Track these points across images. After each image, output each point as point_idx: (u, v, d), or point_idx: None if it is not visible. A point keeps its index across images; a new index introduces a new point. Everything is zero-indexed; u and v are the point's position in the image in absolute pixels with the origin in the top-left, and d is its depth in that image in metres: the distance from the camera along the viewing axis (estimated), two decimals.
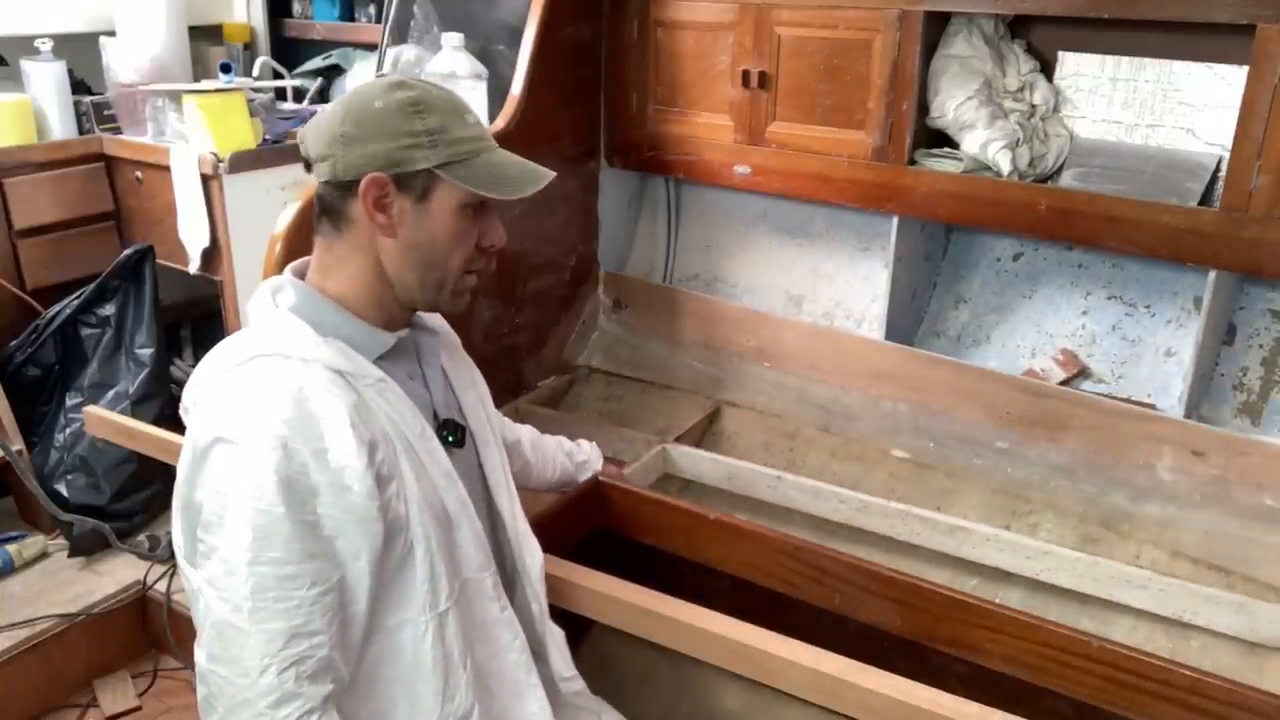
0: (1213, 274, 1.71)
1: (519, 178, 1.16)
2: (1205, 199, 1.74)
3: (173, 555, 2.23)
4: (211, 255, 2.38)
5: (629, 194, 2.43)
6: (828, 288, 2.23)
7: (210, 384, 1.12)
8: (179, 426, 1.21)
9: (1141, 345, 1.91)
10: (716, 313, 2.25)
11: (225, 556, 1.02)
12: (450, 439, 1.22)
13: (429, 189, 1.12)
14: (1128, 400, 1.86)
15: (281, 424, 1.03)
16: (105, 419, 2.01)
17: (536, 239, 2.20)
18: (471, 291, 1.22)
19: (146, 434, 1.94)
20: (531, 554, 1.33)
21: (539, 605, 1.33)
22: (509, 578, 1.32)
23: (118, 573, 2.24)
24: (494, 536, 1.30)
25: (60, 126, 2.50)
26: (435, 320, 1.33)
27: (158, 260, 2.41)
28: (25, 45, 2.51)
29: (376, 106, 1.11)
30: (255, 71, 2.89)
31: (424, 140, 1.10)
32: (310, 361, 1.09)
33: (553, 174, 1.19)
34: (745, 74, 2.04)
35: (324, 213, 1.16)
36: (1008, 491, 1.89)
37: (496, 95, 2.13)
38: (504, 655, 1.24)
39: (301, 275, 1.19)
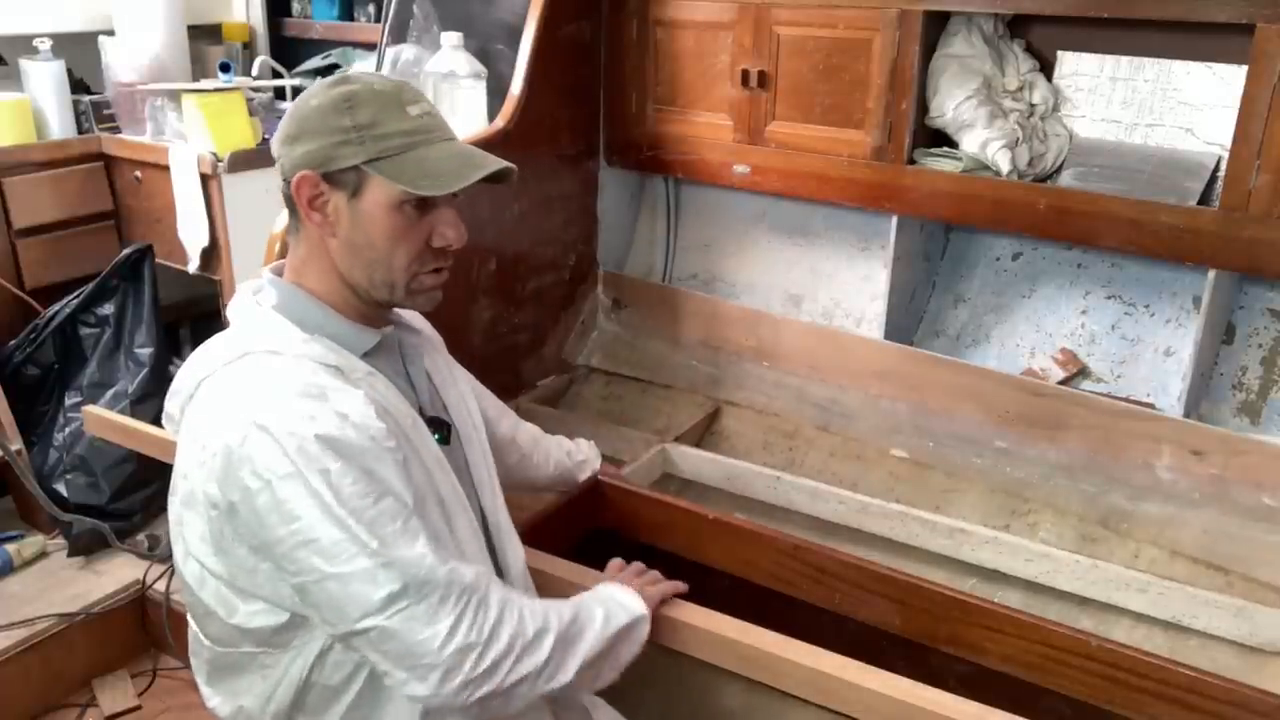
0: (1212, 273, 1.71)
1: (451, 172, 1.11)
2: (1204, 198, 1.74)
3: (172, 554, 2.23)
4: (211, 254, 2.38)
5: (628, 193, 2.43)
6: (827, 287, 2.23)
7: (202, 386, 1.11)
8: None
9: (1141, 345, 1.91)
10: (716, 312, 2.25)
11: (325, 527, 1.01)
12: (437, 436, 1.22)
13: (360, 186, 1.11)
14: (1127, 399, 1.86)
15: (298, 400, 1.04)
16: (105, 418, 2.01)
17: (536, 238, 2.20)
18: (441, 289, 1.20)
19: (146, 433, 1.94)
20: (514, 551, 1.33)
21: None
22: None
23: (117, 572, 2.24)
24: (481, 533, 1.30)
25: (59, 126, 2.50)
26: (417, 320, 1.34)
27: (157, 260, 2.41)
28: (24, 44, 2.51)
29: (312, 105, 1.11)
30: (254, 71, 2.89)
31: (352, 136, 1.09)
32: (301, 358, 1.10)
33: (500, 164, 1.15)
34: (744, 73, 2.04)
35: (290, 213, 1.17)
36: (1007, 491, 1.89)
37: (496, 95, 2.13)
38: None
39: (280, 275, 1.20)
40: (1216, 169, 1.75)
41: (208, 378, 1.11)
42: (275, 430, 1.02)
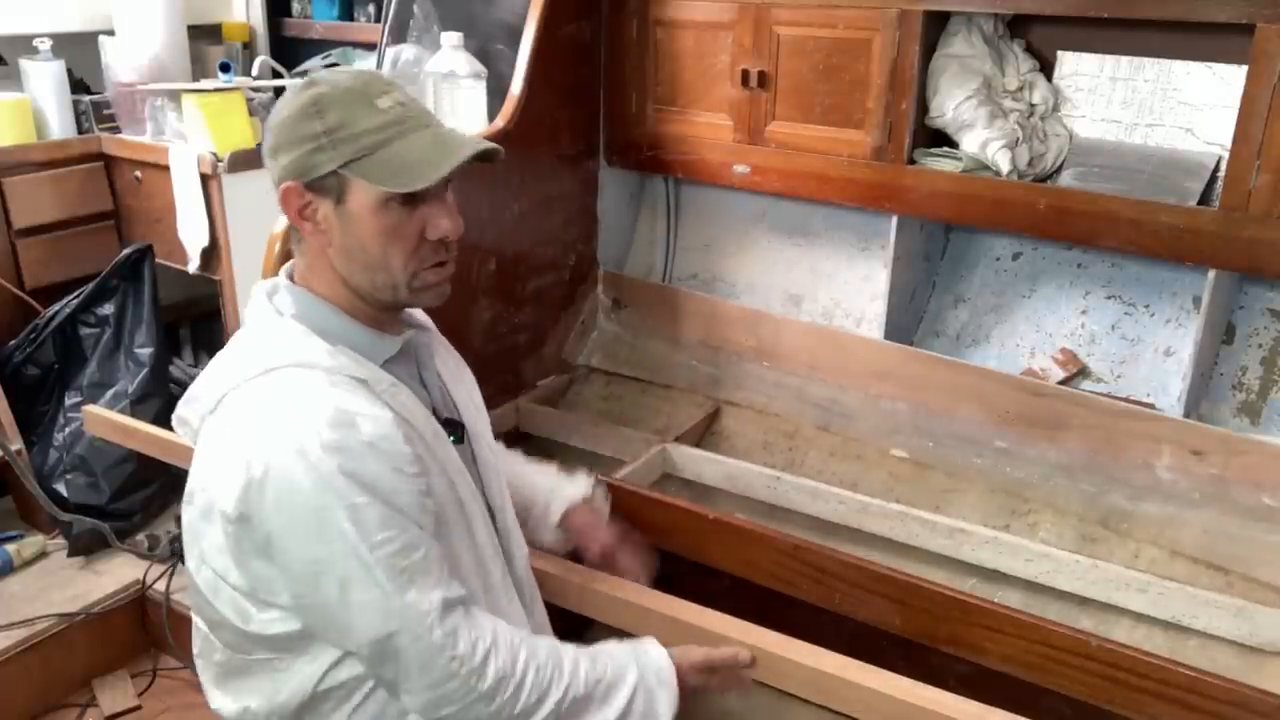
0: (1212, 273, 1.71)
1: (427, 162, 1.07)
2: (1204, 198, 1.74)
3: (172, 554, 2.23)
4: (211, 254, 2.38)
5: (628, 193, 2.43)
6: (827, 287, 2.23)
7: (226, 399, 1.10)
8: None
9: (1141, 345, 1.91)
10: (716, 312, 2.25)
11: (344, 559, 1.03)
12: (452, 438, 1.22)
13: (342, 191, 1.08)
14: (1127, 400, 1.86)
15: (327, 427, 1.03)
16: (104, 418, 2.01)
17: (536, 238, 2.20)
18: (449, 282, 1.17)
19: (145, 433, 1.94)
20: (519, 546, 1.34)
21: (526, 597, 1.34)
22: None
23: (117, 572, 2.24)
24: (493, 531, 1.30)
25: (59, 126, 2.50)
26: (423, 316, 1.33)
27: (157, 259, 2.41)
28: (24, 44, 2.51)
29: (284, 115, 1.09)
30: (254, 71, 2.89)
31: (324, 141, 1.06)
32: (331, 370, 1.09)
33: (480, 145, 1.11)
34: (744, 73, 2.04)
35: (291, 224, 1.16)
36: (1007, 491, 1.89)
37: (496, 95, 2.14)
38: None
39: (291, 276, 1.19)
40: (1216, 169, 1.75)
41: (232, 391, 1.10)
42: (301, 461, 1.02)
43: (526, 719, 1.10)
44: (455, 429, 1.24)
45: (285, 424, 1.04)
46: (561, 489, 1.49)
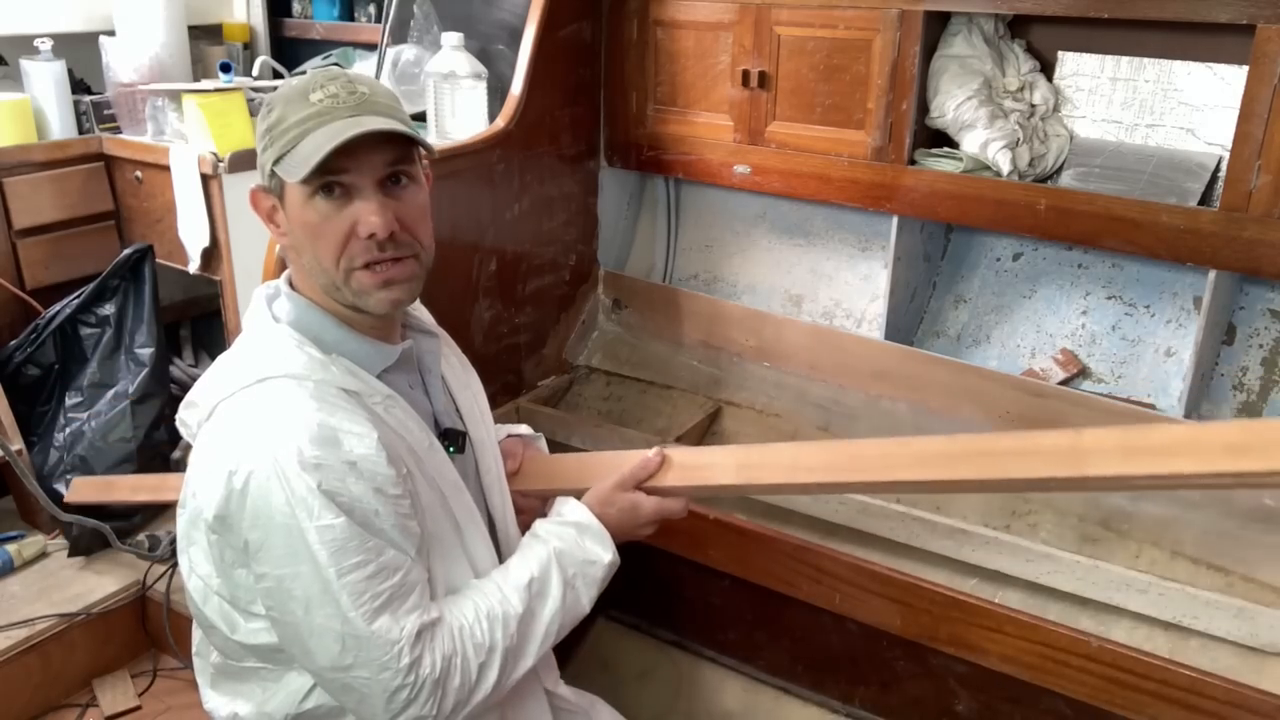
0: (1212, 274, 1.71)
1: (318, 148, 1.02)
2: (1205, 199, 1.74)
3: (172, 554, 2.23)
4: (211, 255, 2.38)
5: (629, 194, 2.43)
6: (827, 287, 2.23)
7: (219, 408, 1.10)
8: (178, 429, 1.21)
9: (1141, 345, 1.91)
10: (716, 312, 2.25)
11: (309, 581, 1.02)
12: (451, 448, 1.21)
13: (281, 189, 1.08)
14: (1127, 400, 1.86)
15: (309, 443, 1.02)
16: (87, 484, 2.08)
17: (536, 239, 2.20)
18: (399, 286, 1.10)
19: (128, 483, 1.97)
20: None
21: None
22: None
23: (117, 572, 2.24)
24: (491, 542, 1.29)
25: (60, 126, 2.50)
26: (429, 321, 1.33)
27: (157, 260, 2.41)
28: (25, 45, 2.51)
29: (258, 120, 1.11)
30: (255, 71, 2.89)
31: (266, 140, 1.07)
32: (321, 382, 1.08)
33: (378, 124, 1.03)
34: (745, 74, 2.04)
35: None
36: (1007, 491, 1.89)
37: (496, 95, 2.14)
38: None
39: (292, 281, 1.17)
40: (1217, 169, 1.75)
41: (225, 399, 1.09)
42: (279, 476, 1.01)
43: (486, 674, 1.09)
44: (455, 438, 1.22)
45: (269, 437, 1.03)
46: (504, 427, 1.47)
